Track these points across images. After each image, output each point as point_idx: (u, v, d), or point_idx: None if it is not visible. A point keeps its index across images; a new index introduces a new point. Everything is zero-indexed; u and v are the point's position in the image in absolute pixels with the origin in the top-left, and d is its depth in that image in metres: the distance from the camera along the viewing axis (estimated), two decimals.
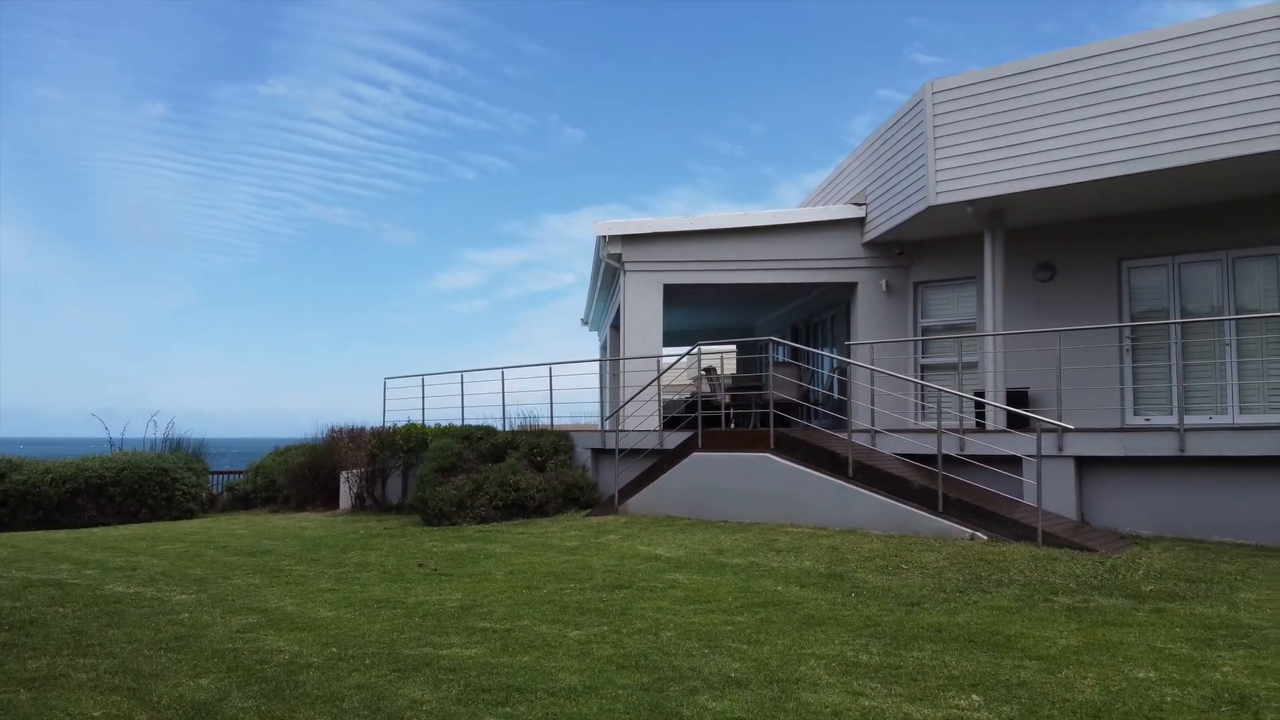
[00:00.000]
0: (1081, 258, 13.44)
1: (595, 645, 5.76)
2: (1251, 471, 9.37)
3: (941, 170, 12.47)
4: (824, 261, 15.41)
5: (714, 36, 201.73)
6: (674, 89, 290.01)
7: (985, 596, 7.04)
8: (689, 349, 15.36)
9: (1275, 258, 12.10)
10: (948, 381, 13.38)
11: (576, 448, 14.30)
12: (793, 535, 9.94)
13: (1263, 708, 4.31)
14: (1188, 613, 6.38)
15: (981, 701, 4.52)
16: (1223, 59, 10.52)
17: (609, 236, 15.20)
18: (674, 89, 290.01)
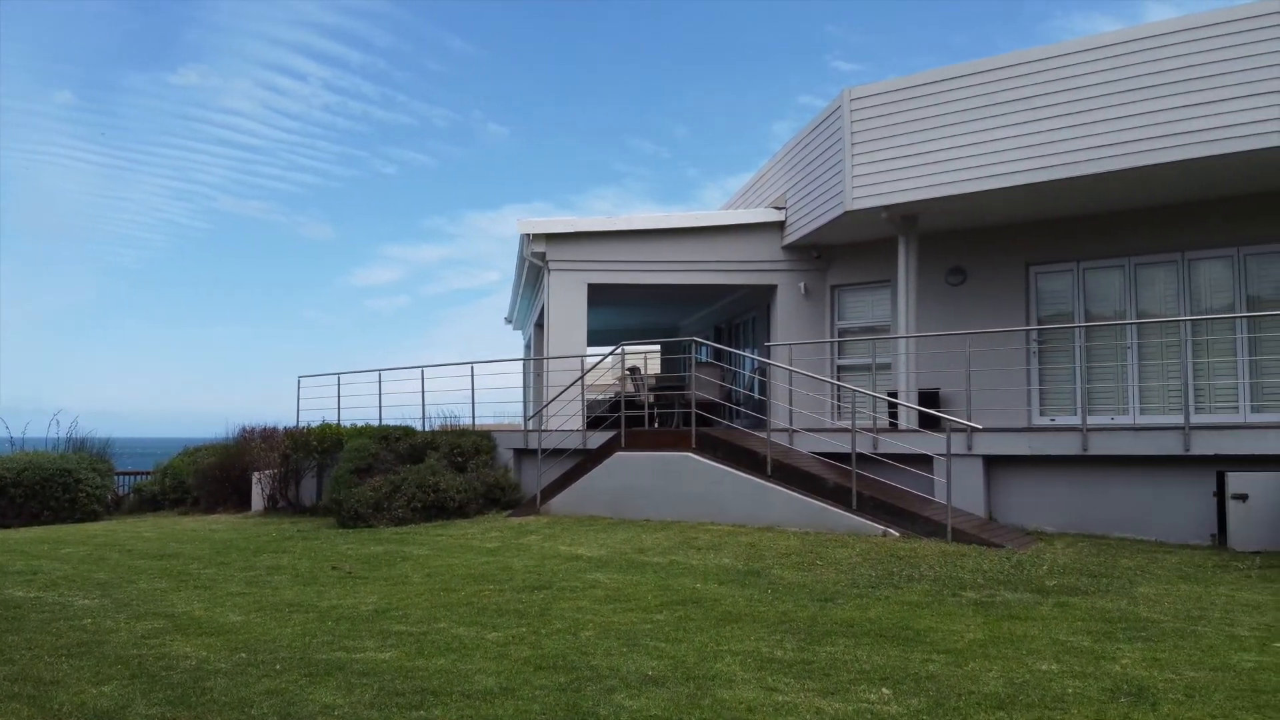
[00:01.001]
0: (991, 263, 13.87)
1: (513, 646, 5.73)
2: (1151, 470, 9.79)
3: (858, 176, 12.74)
4: (745, 264, 15.60)
5: (639, 37, 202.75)
6: (599, 89, 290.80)
7: (896, 592, 7.22)
8: (613, 349, 15.41)
9: (1175, 264, 12.67)
10: (863, 382, 13.67)
11: (499, 448, 14.20)
12: (713, 533, 10.04)
13: (1160, 699, 4.50)
14: (1089, 607, 6.63)
15: (891, 695, 4.64)
16: (1127, 72, 10.96)
17: (533, 235, 15.13)
18: (599, 89, 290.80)
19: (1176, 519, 9.58)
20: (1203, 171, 11.00)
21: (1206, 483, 9.42)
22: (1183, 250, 12.58)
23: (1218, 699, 4.46)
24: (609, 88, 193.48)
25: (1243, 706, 4.34)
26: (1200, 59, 10.52)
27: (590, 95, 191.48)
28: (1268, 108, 10.09)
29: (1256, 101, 10.16)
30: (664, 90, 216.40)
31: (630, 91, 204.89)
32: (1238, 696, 4.49)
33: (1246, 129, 10.20)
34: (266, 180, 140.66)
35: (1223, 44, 10.40)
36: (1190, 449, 9.45)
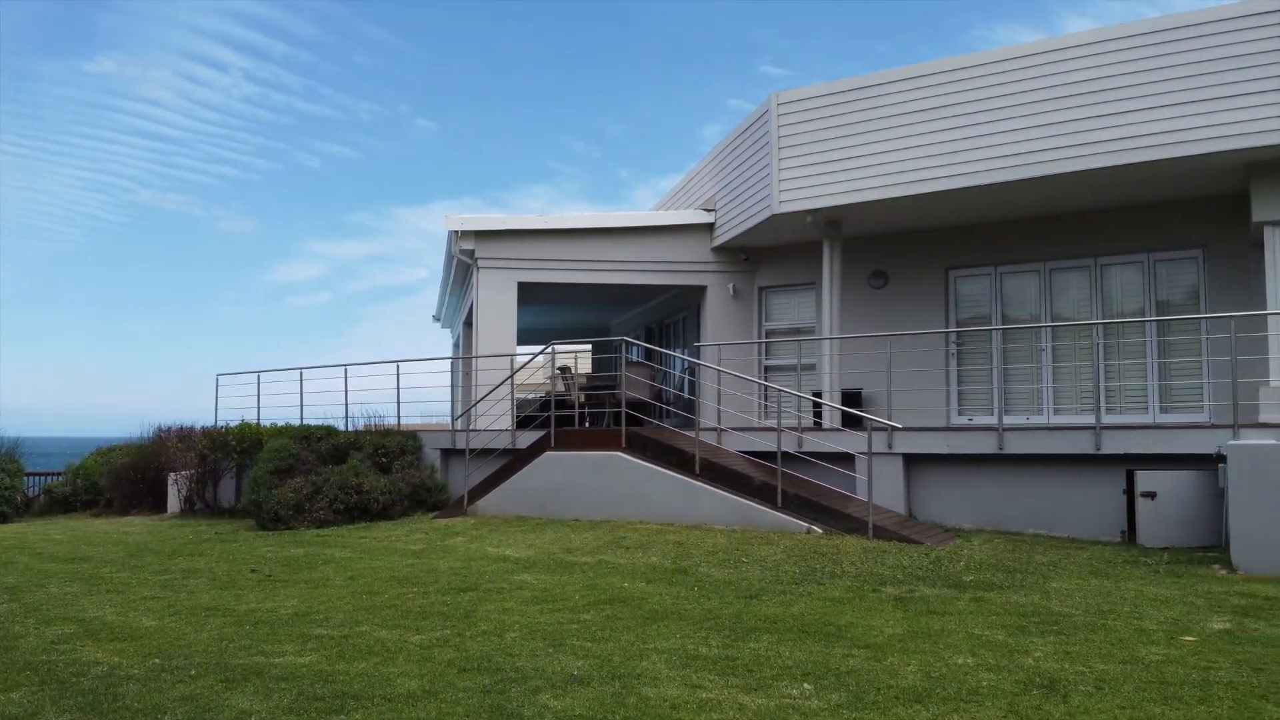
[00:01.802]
0: (912, 267, 14.20)
1: (437, 649, 5.68)
2: (1064, 468, 10.13)
3: (784, 180, 12.92)
4: (675, 264, 15.68)
5: (572, 37, 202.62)
6: (531, 87, 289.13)
7: (819, 588, 7.34)
8: (543, 348, 15.34)
9: (1088, 269, 13.13)
10: (789, 382, 13.86)
11: (425, 448, 14.03)
12: (642, 532, 10.08)
13: (1071, 690, 4.65)
14: (1004, 601, 6.83)
15: (812, 690, 4.72)
16: (1043, 82, 11.32)
17: (462, 232, 14.98)
18: (531, 87, 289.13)
19: (1088, 516, 9.92)
20: (1114, 180, 11.42)
21: (1117, 481, 9.78)
22: (1095, 256, 13.04)
23: (1126, 691, 4.63)
24: (542, 86, 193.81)
25: (1150, 698, 4.51)
26: (1111, 71, 10.92)
27: (522, 93, 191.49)
28: (1173, 119, 10.52)
29: (1163, 114, 10.58)
30: (597, 90, 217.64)
31: (563, 90, 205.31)
32: (1145, 688, 4.66)
33: (1153, 139, 10.62)
34: (185, 173, 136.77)
35: (1131, 57, 10.81)
36: (1101, 448, 9.80)
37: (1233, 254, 11.96)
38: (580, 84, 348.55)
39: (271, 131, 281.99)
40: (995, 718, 4.27)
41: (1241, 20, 10.24)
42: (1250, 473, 7.97)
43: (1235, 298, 11.72)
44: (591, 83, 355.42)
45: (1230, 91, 10.23)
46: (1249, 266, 11.64)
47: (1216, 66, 10.33)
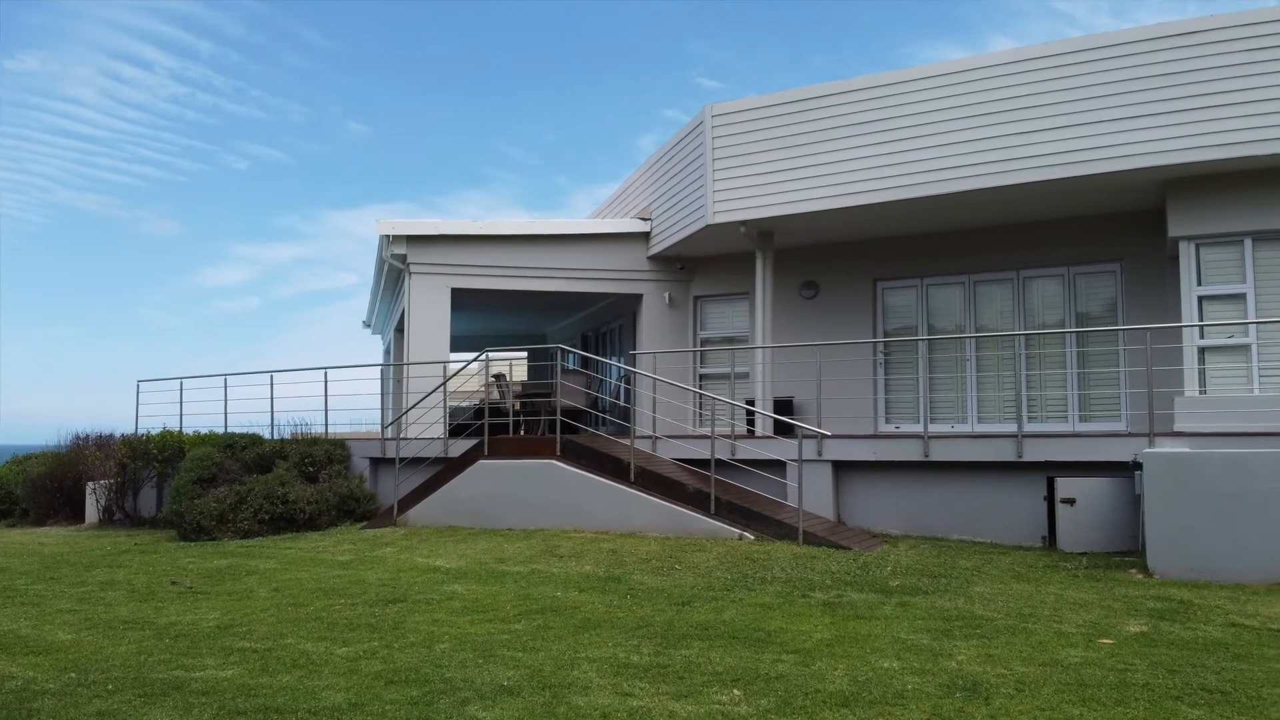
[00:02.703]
0: (842, 278, 14.46)
1: (364, 661, 5.58)
2: (987, 476, 10.38)
3: (719, 191, 13.04)
4: (611, 272, 15.70)
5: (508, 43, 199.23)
6: (467, 91, 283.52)
7: (750, 594, 7.40)
8: (477, 355, 15.22)
9: (1011, 282, 13.50)
10: (723, 390, 13.97)
11: (354, 457, 13.79)
12: (575, 540, 10.05)
13: (992, 693, 4.76)
14: (929, 606, 6.96)
15: (741, 696, 4.75)
16: (967, 99, 11.61)
17: (394, 236, 14.78)
18: (467, 91, 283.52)
19: (1011, 522, 10.18)
20: (1036, 195, 11.77)
21: (1038, 488, 10.06)
22: (1018, 269, 13.42)
23: (1046, 693, 4.76)
24: (477, 91, 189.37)
25: (1069, 700, 4.64)
26: (1033, 89, 11.24)
27: (457, 98, 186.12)
28: (1093, 137, 10.88)
29: (1083, 131, 10.93)
30: (534, 97, 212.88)
31: (499, 96, 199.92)
32: (1064, 690, 4.80)
33: (1074, 156, 10.96)
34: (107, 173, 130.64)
35: (1052, 76, 11.16)
36: (1023, 456, 10.07)
37: (1149, 268, 12.41)
38: (517, 90, 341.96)
39: (198, 132, 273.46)
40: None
41: (1159, 42, 10.64)
42: (1165, 480, 8.26)
43: (1151, 310, 12.16)
44: (529, 89, 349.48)
45: (1148, 110, 10.62)
46: (1165, 280, 12.09)
47: (1135, 86, 10.71)
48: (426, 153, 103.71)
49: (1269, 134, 10.08)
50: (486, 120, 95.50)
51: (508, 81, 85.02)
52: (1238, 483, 7.97)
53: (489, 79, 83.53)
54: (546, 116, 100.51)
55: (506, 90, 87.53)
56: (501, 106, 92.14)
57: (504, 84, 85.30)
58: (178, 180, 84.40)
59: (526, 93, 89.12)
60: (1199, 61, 10.42)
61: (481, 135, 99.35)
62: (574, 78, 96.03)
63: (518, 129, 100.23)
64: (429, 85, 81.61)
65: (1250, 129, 10.15)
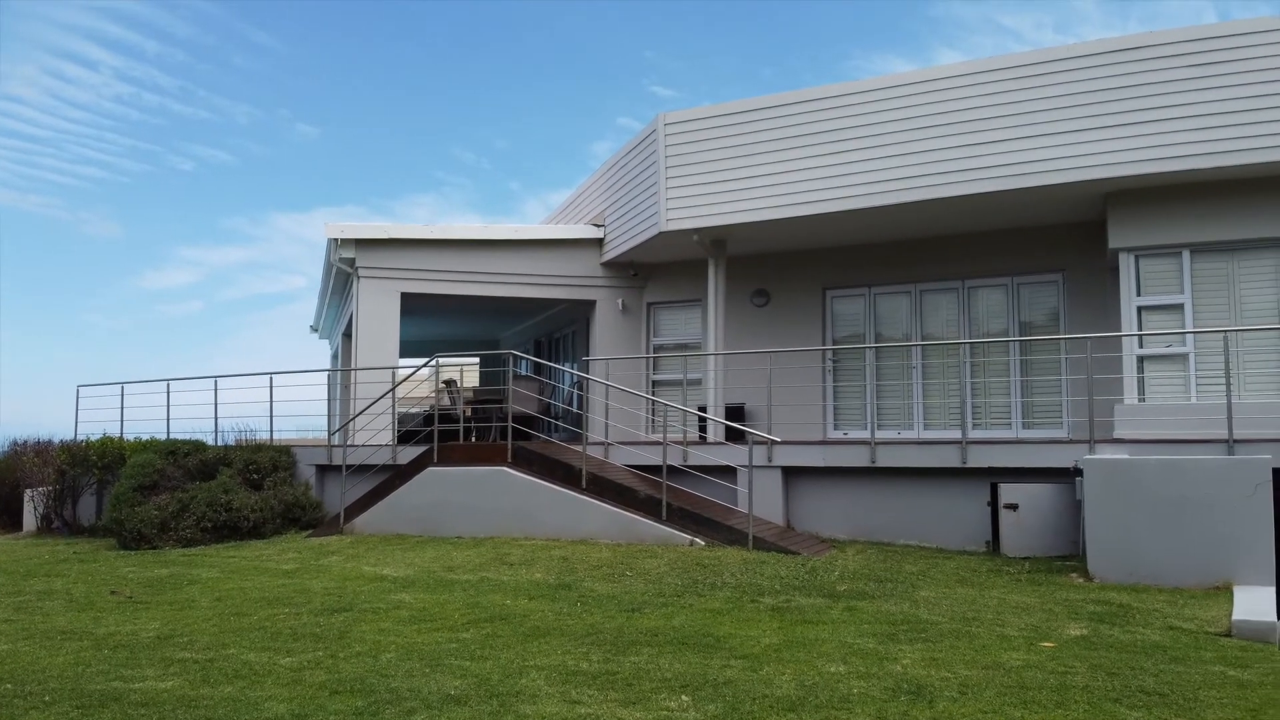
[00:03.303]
0: (792, 286, 14.60)
1: (308, 671, 5.49)
2: (933, 481, 10.54)
3: (671, 199, 13.09)
4: (565, 279, 15.67)
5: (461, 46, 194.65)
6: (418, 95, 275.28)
7: (700, 599, 7.42)
8: (427, 360, 15.08)
9: (956, 291, 13.73)
10: (676, 396, 14.02)
11: (299, 464, 13.58)
12: (526, 548, 9.99)
13: (936, 696, 4.83)
14: (875, 610, 7.04)
15: (690, 701, 4.76)
16: (915, 111, 11.80)
17: (342, 240, 14.59)
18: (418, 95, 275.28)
19: (955, 527, 10.34)
20: (981, 207, 11.99)
21: (982, 493, 10.23)
22: (963, 279, 13.66)
23: (988, 695, 4.83)
24: (429, 94, 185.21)
25: (1011, 702, 4.72)
26: (979, 102, 11.46)
27: (409, 101, 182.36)
28: (1037, 150, 11.11)
29: (1028, 144, 11.17)
30: (486, 101, 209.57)
31: (451, 100, 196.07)
32: (1006, 693, 4.88)
33: (1019, 169, 11.19)
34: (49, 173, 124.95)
35: (998, 89, 11.38)
36: (967, 462, 10.24)
37: (1091, 278, 12.71)
38: (469, 94, 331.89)
39: (143, 133, 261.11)
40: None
41: (1101, 58, 10.91)
42: (1105, 486, 8.45)
43: (1092, 319, 12.45)
44: (481, 93, 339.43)
45: (1090, 124, 10.88)
46: (1105, 290, 12.38)
47: (1078, 100, 10.97)
48: (376, 156, 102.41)
49: (1207, 148, 10.38)
50: (438, 124, 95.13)
51: (459, 85, 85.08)
52: (1175, 488, 8.18)
53: (440, 83, 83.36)
54: (499, 121, 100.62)
55: (458, 94, 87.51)
56: (453, 110, 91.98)
57: (456, 88, 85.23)
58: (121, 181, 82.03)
59: (479, 97, 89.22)
60: (1140, 77, 10.70)
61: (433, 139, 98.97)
62: (527, 83, 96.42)
63: (470, 133, 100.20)
64: (379, 88, 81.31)
65: (1189, 143, 10.44)
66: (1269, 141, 10.12)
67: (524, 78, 66.02)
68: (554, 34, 63.22)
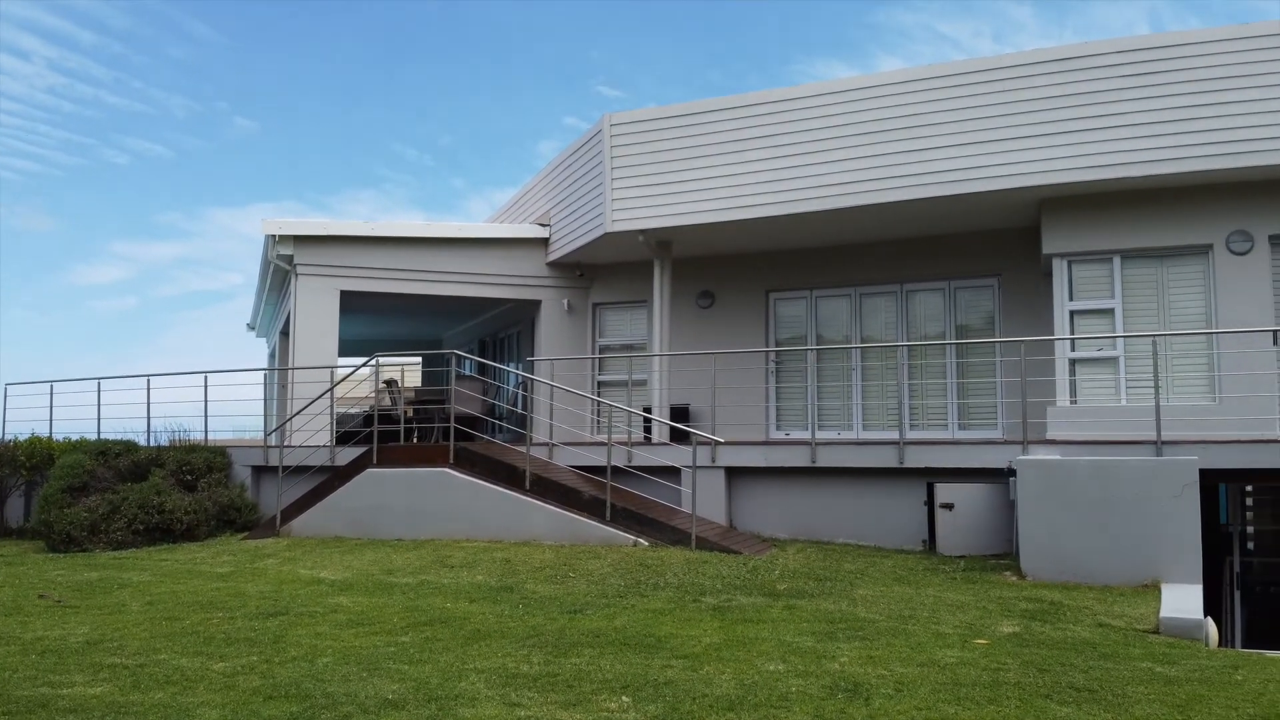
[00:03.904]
0: (736, 288, 14.71)
1: (242, 677, 5.39)
2: (871, 481, 10.69)
3: (617, 200, 13.10)
4: (509, 278, 15.58)
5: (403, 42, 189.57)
6: (360, 90, 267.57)
7: (642, 600, 7.44)
8: (367, 360, 14.87)
9: (895, 295, 13.96)
10: (621, 397, 14.02)
11: (235, 465, 13.31)
12: (468, 550, 9.92)
13: (873, 694, 4.90)
14: (814, 609, 7.13)
15: (630, 702, 4.77)
16: (856, 117, 11.95)
17: (280, 236, 14.32)
18: (360, 90, 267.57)
19: (893, 526, 10.51)
20: (920, 212, 12.20)
21: (919, 493, 10.41)
22: (902, 282, 13.89)
23: (923, 692, 4.92)
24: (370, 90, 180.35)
25: (945, 699, 4.81)
26: (918, 109, 11.65)
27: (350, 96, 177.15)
28: (974, 157, 11.33)
29: (965, 151, 11.38)
30: (430, 97, 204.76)
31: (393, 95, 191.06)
32: (940, 690, 4.97)
33: (956, 175, 11.41)
34: None
35: (937, 97, 11.58)
36: (904, 462, 10.41)
37: (1025, 283, 13.00)
38: (411, 90, 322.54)
39: (76, 125, 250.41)
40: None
41: (1036, 67, 11.16)
42: (1037, 486, 8.66)
43: (1027, 323, 12.74)
44: (423, 89, 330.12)
45: (1026, 133, 11.13)
46: (1039, 294, 12.67)
47: (1014, 109, 11.21)
48: (316, 151, 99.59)
49: (1138, 157, 10.68)
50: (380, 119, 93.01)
51: (402, 81, 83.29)
52: (1105, 489, 8.41)
53: (383, 77, 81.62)
54: (442, 118, 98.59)
55: (401, 89, 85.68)
56: (396, 106, 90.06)
57: (398, 83, 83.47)
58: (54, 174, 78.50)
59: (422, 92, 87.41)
60: (1074, 87, 10.98)
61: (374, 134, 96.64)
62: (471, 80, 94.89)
63: (412, 129, 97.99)
64: (320, 81, 79.35)
65: (1121, 152, 10.74)
66: (1198, 151, 10.45)
67: (469, 74, 65.44)
68: (500, 31, 62.81)
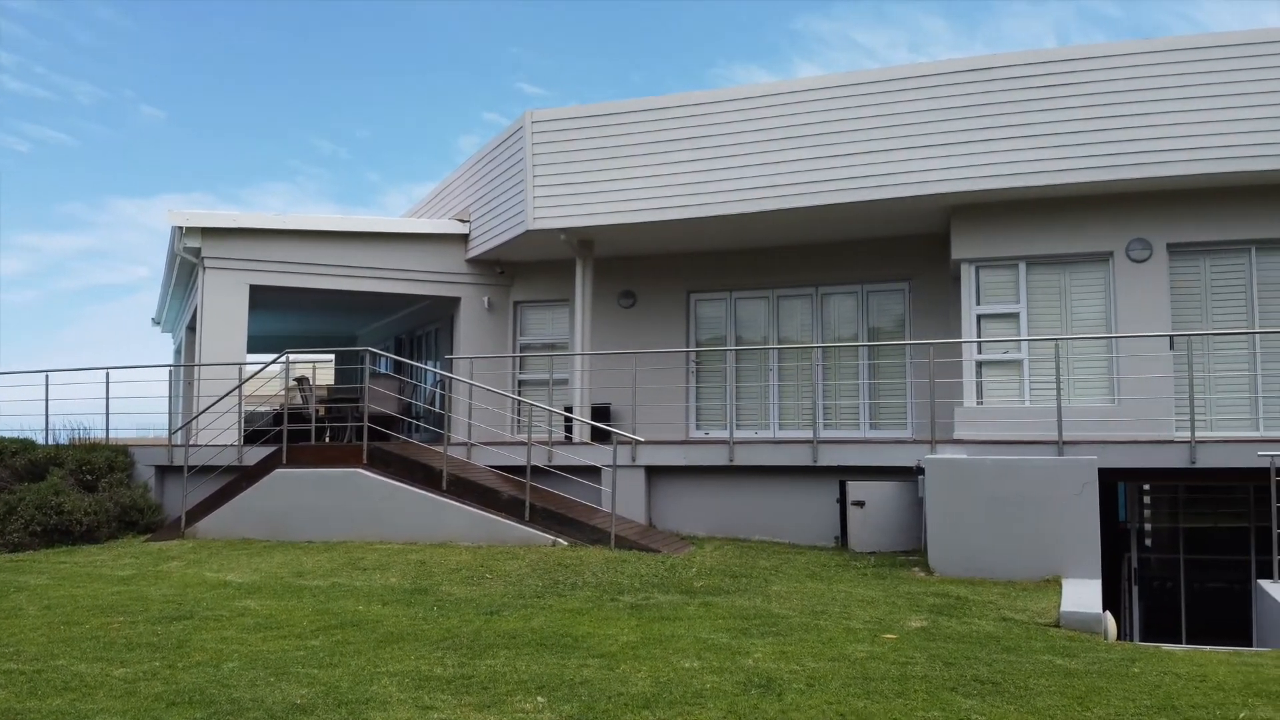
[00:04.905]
0: (658, 288, 14.79)
1: (144, 683, 5.20)
2: (786, 479, 10.87)
3: (539, 197, 13.04)
4: (428, 274, 15.36)
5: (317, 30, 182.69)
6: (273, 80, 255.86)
7: (560, 600, 7.42)
8: (277, 356, 14.49)
9: (810, 297, 14.21)
10: (542, 397, 13.97)
11: (138, 465, 12.84)
12: (381, 552, 9.75)
13: (785, 689, 4.98)
14: (730, 605, 7.21)
15: (546, 702, 4.75)
16: (773, 122, 12.13)
17: (187, 228, 13.85)
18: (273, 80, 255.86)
19: (807, 523, 10.71)
20: (834, 217, 12.44)
21: (832, 491, 10.63)
22: (817, 285, 14.16)
23: (834, 686, 5.01)
24: (284, 81, 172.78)
25: (855, 693, 4.90)
26: (834, 116, 11.88)
27: (262, 86, 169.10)
28: (887, 164, 11.61)
29: (878, 158, 11.65)
30: (346, 90, 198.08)
31: (308, 87, 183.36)
32: (850, 684, 5.07)
33: (869, 181, 11.67)
34: None
35: (850, 104, 11.83)
36: (818, 461, 10.62)
37: (935, 287, 13.37)
38: (328, 81, 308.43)
39: None
40: (715, 719, 4.49)
41: (946, 77, 11.49)
42: (944, 484, 8.90)
43: (936, 326, 13.11)
44: (340, 81, 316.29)
45: (936, 141, 11.45)
46: (948, 298, 13.05)
47: (925, 117, 11.52)
48: (227, 141, 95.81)
49: (1043, 166, 11.08)
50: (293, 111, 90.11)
51: (317, 72, 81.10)
52: (1009, 487, 8.70)
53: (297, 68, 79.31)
54: (359, 110, 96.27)
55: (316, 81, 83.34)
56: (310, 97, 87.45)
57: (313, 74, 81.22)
58: None
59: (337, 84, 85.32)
60: (982, 97, 11.33)
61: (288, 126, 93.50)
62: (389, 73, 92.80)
63: (328, 121, 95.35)
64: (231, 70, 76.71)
65: (1026, 161, 11.13)
66: (1099, 161, 10.89)
67: (388, 67, 64.43)
68: (420, 24, 62.00)
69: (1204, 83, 10.60)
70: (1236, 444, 9.73)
